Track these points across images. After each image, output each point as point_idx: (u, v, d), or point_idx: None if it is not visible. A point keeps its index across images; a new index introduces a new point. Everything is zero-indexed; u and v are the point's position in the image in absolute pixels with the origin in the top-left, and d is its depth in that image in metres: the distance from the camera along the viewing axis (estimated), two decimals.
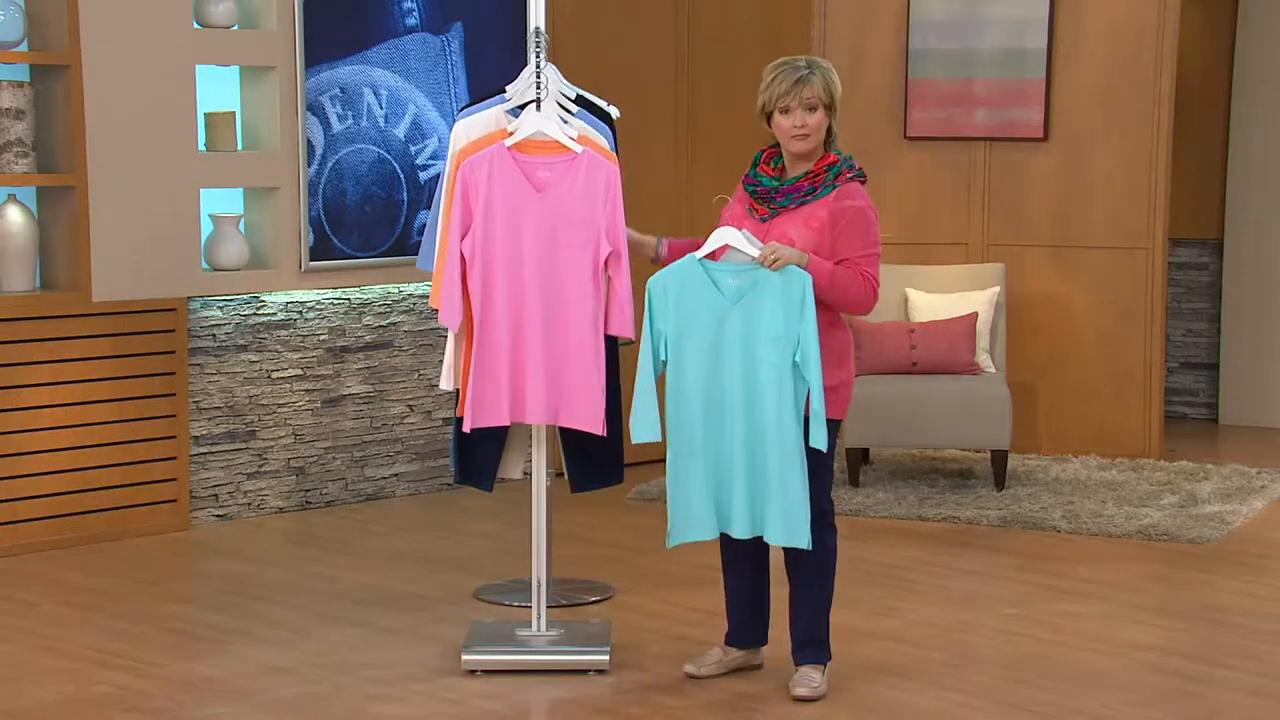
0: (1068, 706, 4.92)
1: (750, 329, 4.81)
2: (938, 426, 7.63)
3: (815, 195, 4.87)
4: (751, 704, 4.93)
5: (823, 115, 4.87)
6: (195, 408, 7.00)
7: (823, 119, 4.87)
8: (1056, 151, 8.43)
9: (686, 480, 4.90)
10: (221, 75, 7.11)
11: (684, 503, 4.92)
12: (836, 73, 4.94)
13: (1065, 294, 8.45)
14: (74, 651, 5.37)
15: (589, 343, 5.10)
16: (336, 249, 7.27)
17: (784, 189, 4.90)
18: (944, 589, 6.19)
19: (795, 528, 4.81)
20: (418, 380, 7.66)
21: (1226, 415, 9.56)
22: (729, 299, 4.83)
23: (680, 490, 4.91)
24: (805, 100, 4.84)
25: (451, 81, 7.56)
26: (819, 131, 4.88)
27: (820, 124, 4.87)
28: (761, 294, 4.79)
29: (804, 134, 4.86)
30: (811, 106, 4.85)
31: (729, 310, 4.83)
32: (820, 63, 4.91)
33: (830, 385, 4.86)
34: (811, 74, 4.85)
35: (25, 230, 6.59)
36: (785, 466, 4.79)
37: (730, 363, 4.84)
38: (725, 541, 5.09)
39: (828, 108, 4.87)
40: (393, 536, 6.93)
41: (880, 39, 8.60)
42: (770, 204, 4.91)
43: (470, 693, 5.00)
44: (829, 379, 4.85)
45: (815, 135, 4.88)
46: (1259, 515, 7.32)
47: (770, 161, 4.98)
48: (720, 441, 4.87)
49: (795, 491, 4.79)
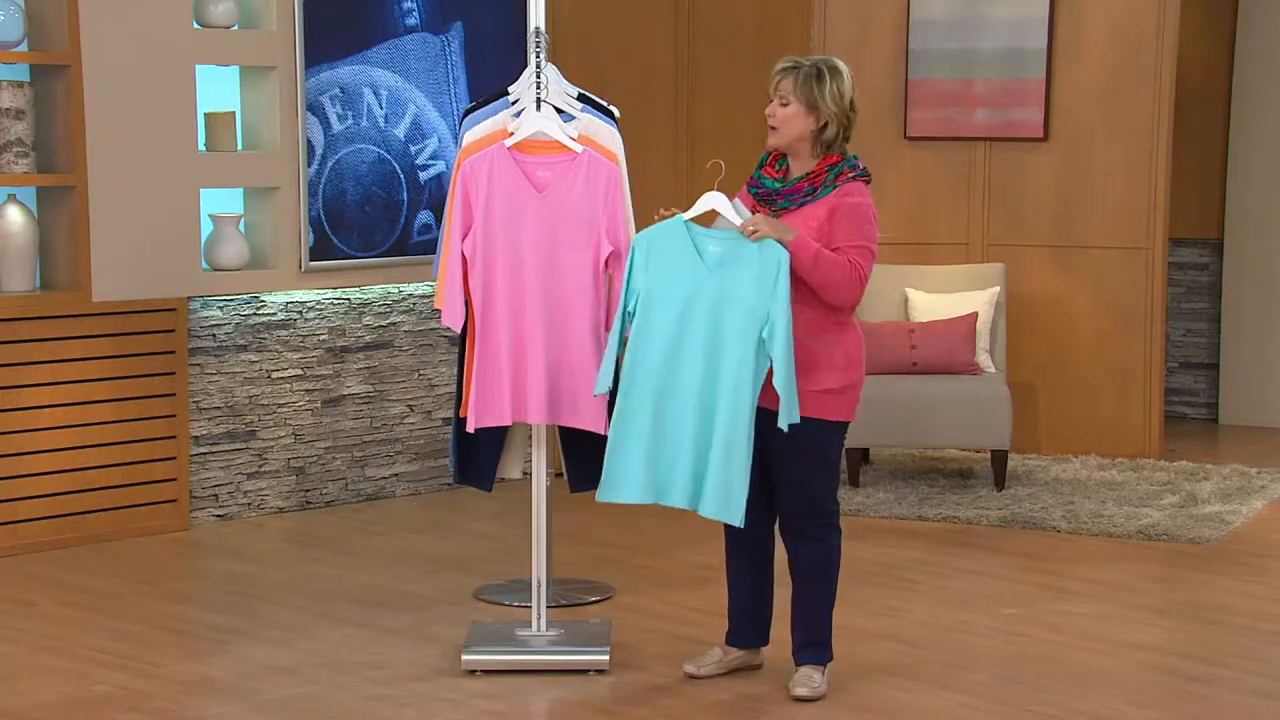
0: (1068, 706, 4.92)
1: (723, 297, 4.78)
2: (938, 426, 7.63)
3: (815, 196, 4.86)
4: (752, 704, 4.93)
5: (799, 112, 4.83)
6: (195, 408, 7.00)
7: (798, 116, 4.83)
8: (1056, 151, 8.43)
9: (630, 440, 4.83)
10: (221, 75, 7.11)
11: (623, 460, 4.85)
12: (851, 80, 4.89)
13: (1065, 294, 8.45)
14: (74, 651, 5.37)
15: (590, 342, 5.11)
16: (336, 249, 7.27)
17: (785, 190, 4.89)
18: (944, 589, 6.19)
19: (730, 503, 4.74)
20: (418, 380, 7.66)
21: (1226, 415, 9.56)
22: (708, 265, 4.82)
23: (621, 446, 4.85)
24: (779, 93, 4.85)
25: (451, 81, 7.56)
26: (789, 126, 4.85)
27: (792, 119, 4.84)
28: (739, 264, 4.77)
29: (772, 125, 4.87)
30: (784, 101, 4.84)
31: (706, 276, 4.81)
32: (821, 63, 4.87)
33: (837, 387, 4.85)
34: (796, 70, 4.84)
35: (25, 230, 6.59)
36: (732, 439, 4.73)
37: (697, 327, 4.80)
38: (730, 540, 5.09)
39: (812, 108, 4.84)
40: (393, 536, 6.93)
41: (880, 39, 8.60)
42: (772, 205, 4.91)
43: (470, 693, 5.00)
44: (835, 381, 4.85)
45: (785, 129, 4.85)
46: (1259, 515, 7.32)
47: (775, 164, 4.98)
48: (673, 404, 4.81)
49: (737, 467, 4.73)
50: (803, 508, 4.93)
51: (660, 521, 7.14)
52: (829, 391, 4.85)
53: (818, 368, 4.84)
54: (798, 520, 4.95)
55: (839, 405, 4.87)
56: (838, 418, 4.89)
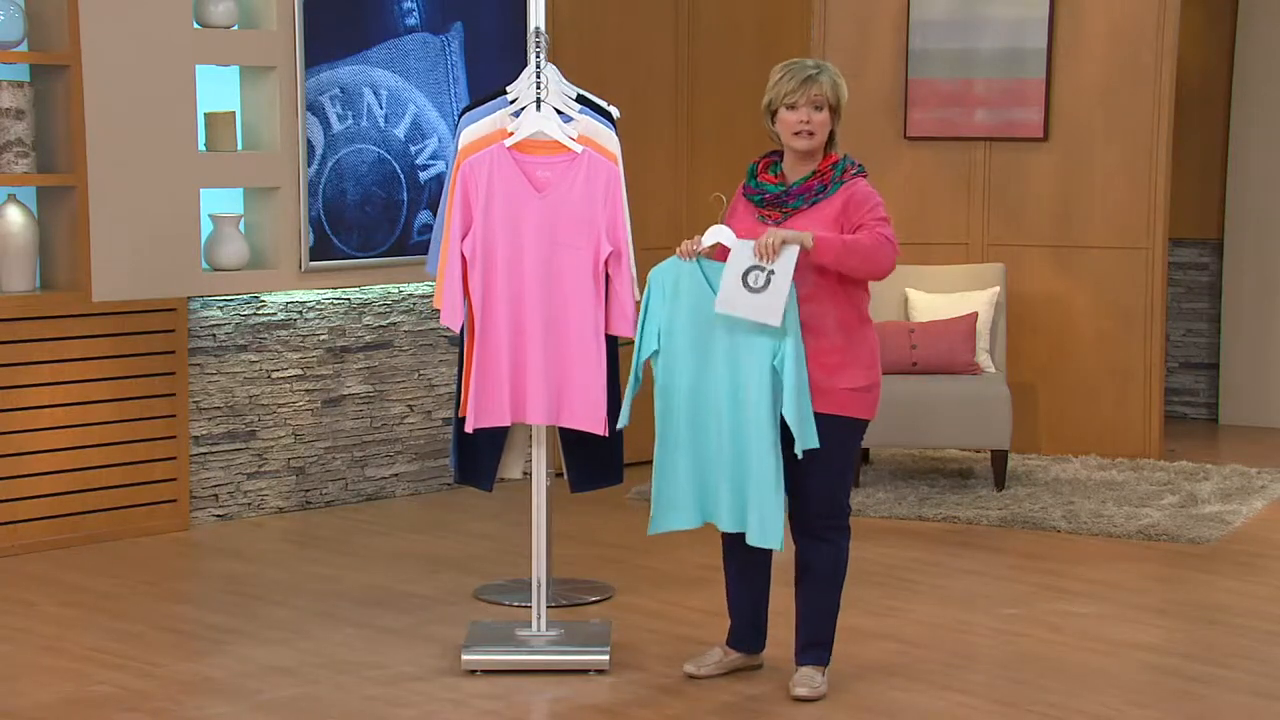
0: (1068, 706, 4.92)
1: (737, 329, 4.84)
2: (938, 426, 7.63)
3: (827, 193, 4.90)
4: (752, 704, 4.93)
5: (828, 116, 4.90)
6: (195, 408, 7.00)
7: (827, 119, 4.90)
8: (1056, 151, 8.43)
9: (672, 471, 4.95)
10: (221, 75, 7.11)
11: (669, 492, 4.96)
12: (843, 78, 4.97)
13: (1065, 294, 8.45)
14: (74, 651, 5.37)
15: (590, 342, 5.10)
16: (336, 249, 7.27)
17: (795, 190, 4.91)
18: (944, 589, 6.19)
19: (768, 529, 4.85)
20: (418, 380, 7.66)
21: (1226, 415, 9.56)
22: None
23: (665, 480, 4.97)
24: (813, 99, 4.87)
25: (451, 81, 7.56)
26: (823, 130, 4.90)
27: (824, 124, 4.90)
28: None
29: (809, 130, 4.88)
30: (818, 106, 4.88)
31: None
32: (829, 66, 4.95)
33: (865, 385, 4.92)
34: (820, 74, 4.89)
35: (25, 230, 6.59)
36: (761, 468, 4.83)
37: (717, 361, 4.88)
38: (727, 544, 5.10)
39: (833, 110, 4.90)
40: (393, 536, 6.93)
41: (880, 39, 8.60)
42: (783, 208, 4.92)
43: (470, 693, 5.00)
44: (864, 379, 4.91)
45: (820, 134, 4.90)
46: (1259, 515, 7.32)
47: (769, 169, 4.99)
48: (706, 438, 4.91)
49: (769, 494, 4.83)
50: (825, 508, 4.96)
51: None
52: (858, 389, 4.90)
53: (849, 364, 4.90)
54: (816, 521, 4.97)
55: (865, 403, 4.93)
56: (863, 415, 4.95)
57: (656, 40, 8.27)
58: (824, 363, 4.88)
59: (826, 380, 4.87)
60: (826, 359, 4.88)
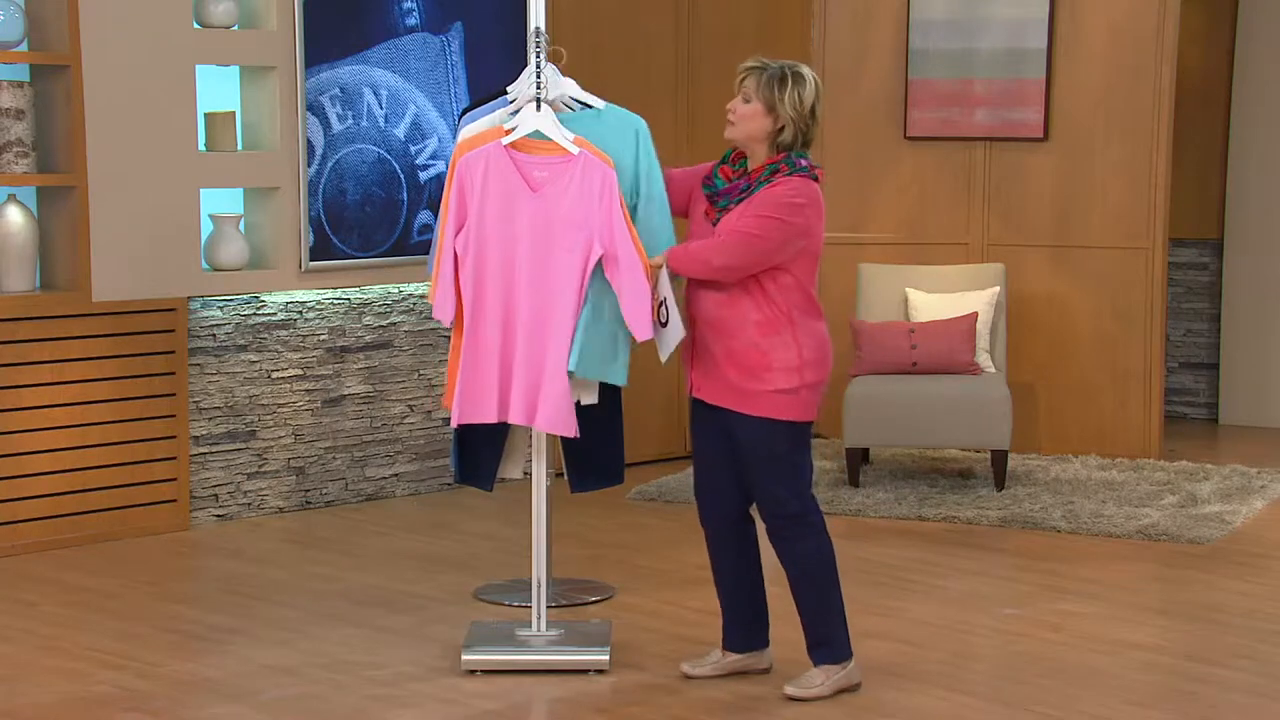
0: (1068, 706, 4.92)
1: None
2: (938, 426, 7.62)
3: (750, 192, 4.89)
4: (752, 704, 4.93)
5: (758, 111, 4.86)
6: (195, 408, 7.00)
7: (756, 115, 4.86)
8: (1056, 151, 8.43)
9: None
10: (221, 75, 7.11)
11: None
12: (816, 88, 4.89)
13: (1065, 294, 8.46)
14: (74, 651, 5.37)
15: (566, 344, 5.06)
16: (336, 249, 7.27)
17: (723, 190, 4.94)
18: (944, 589, 6.19)
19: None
20: (418, 380, 7.66)
21: (1226, 415, 9.56)
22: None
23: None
24: (743, 90, 4.90)
25: (451, 81, 7.56)
26: (745, 123, 4.89)
27: (749, 117, 4.87)
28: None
29: (730, 119, 4.92)
30: (746, 98, 4.89)
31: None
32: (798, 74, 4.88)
33: (789, 388, 4.86)
34: (763, 72, 4.87)
35: (25, 230, 6.59)
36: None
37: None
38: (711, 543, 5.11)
39: (770, 109, 4.86)
40: (393, 536, 6.93)
41: (880, 39, 8.60)
42: (715, 205, 4.97)
43: (470, 693, 5.00)
44: (787, 381, 4.86)
45: (741, 125, 4.89)
46: (1259, 515, 7.32)
47: (736, 162, 5.00)
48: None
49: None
50: (775, 509, 4.95)
51: (661, 521, 7.15)
52: (782, 391, 4.86)
53: (770, 368, 4.86)
54: (772, 523, 4.98)
55: (792, 405, 4.88)
56: (791, 418, 4.89)
57: (656, 40, 8.27)
58: (741, 364, 4.87)
59: (746, 382, 4.86)
60: (744, 360, 4.86)
